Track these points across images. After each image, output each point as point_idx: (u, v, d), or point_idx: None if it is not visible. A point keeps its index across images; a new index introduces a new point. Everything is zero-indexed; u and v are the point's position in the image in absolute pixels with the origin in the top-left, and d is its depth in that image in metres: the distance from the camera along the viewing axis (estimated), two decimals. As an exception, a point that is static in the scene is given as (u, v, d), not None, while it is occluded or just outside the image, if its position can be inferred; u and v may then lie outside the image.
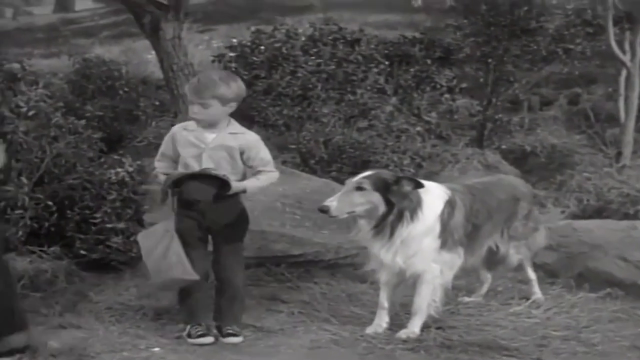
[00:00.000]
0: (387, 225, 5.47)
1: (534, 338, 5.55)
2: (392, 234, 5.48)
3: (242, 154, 5.46)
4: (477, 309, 6.07)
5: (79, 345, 5.30)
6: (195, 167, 5.41)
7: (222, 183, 5.33)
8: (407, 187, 5.46)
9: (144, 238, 5.47)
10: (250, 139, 5.53)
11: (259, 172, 5.49)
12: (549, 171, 11.38)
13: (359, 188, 5.44)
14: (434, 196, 5.60)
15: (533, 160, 11.73)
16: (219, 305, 5.58)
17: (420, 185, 5.49)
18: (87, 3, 25.68)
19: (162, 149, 5.61)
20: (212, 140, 5.45)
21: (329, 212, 5.40)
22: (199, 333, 5.46)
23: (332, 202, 5.39)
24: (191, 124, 5.52)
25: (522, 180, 6.83)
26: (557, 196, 10.39)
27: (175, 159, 5.54)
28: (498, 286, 6.51)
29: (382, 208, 5.44)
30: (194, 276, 5.35)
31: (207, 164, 5.40)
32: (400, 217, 5.46)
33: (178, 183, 5.39)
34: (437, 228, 5.56)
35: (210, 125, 5.47)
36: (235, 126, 5.54)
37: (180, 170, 5.46)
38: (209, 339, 5.46)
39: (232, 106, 5.45)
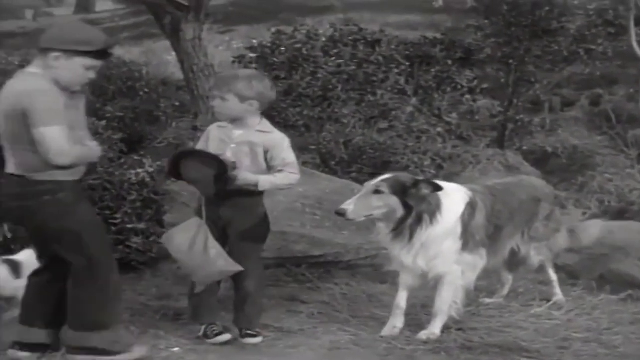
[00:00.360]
0: (406, 228, 5.44)
1: (555, 340, 5.53)
2: (411, 237, 5.46)
3: (266, 152, 5.44)
4: (498, 310, 6.05)
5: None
6: None
7: (224, 168, 5.28)
8: (425, 190, 5.42)
9: (176, 234, 5.43)
10: (276, 138, 5.51)
11: (280, 171, 5.45)
12: (570, 172, 11.32)
13: (377, 191, 5.40)
14: (454, 198, 5.57)
15: (554, 162, 11.67)
16: (235, 306, 5.58)
17: (439, 188, 5.46)
18: (107, 4, 25.75)
19: (197, 145, 5.65)
20: (238, 137, 5.46)
21: (346, 216, 5.37)
22: (216, 332, 5.46)
23: (349, 206, 5.36)
24: (225, 122, 5.54)
25: (543, 181, 6.80)
26: (578, 197, 10.35)
27: None
28: (519, 287, 6.49)
29: (400, 211, 5.41)
30: (237, 267, 5.34)
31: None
32: (419, 221, 5.43)
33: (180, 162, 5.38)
34: (459, 230, 5.53)
35: (235, 121, 5.47)
36: (265, 125, 5.54)
37: None
38: (226, 337, 5.45)
39: (253, 104, 5.43)
